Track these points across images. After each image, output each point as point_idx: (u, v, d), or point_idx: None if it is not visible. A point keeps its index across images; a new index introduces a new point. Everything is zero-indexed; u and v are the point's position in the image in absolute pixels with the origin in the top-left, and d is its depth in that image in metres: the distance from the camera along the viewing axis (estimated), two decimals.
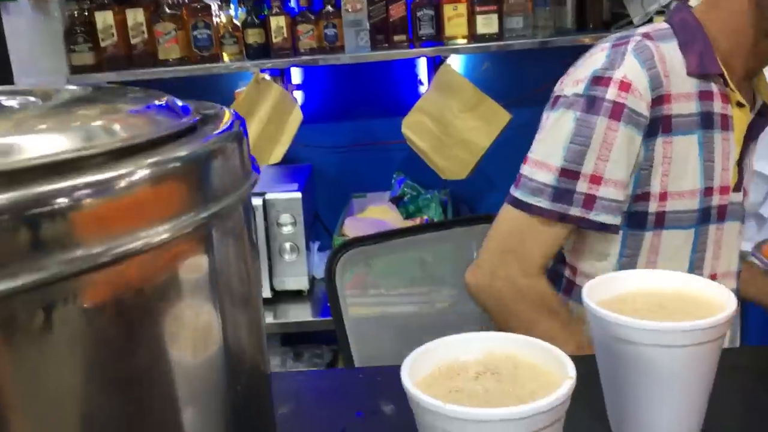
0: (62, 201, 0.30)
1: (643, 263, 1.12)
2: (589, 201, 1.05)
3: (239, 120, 0.45)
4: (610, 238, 1.12)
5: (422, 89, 2.52)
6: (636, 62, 1.05)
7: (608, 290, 0.61)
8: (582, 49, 2.11)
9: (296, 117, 2.16)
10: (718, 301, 0.57)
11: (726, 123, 1.10)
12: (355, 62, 2.15)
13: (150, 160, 0.34)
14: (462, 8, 2.09)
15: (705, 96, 1.08)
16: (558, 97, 1.11)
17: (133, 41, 2.11)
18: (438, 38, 2.14)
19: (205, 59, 2.12)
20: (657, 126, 1.06)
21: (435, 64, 2.28)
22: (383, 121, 2.52)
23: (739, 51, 1.08)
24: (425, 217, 2.37)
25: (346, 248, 1.79)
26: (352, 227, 2.25)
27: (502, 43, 2.12)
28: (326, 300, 1.96)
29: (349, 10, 2.11)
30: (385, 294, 2.05)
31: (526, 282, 1.10)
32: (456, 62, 2.42)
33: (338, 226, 2.29)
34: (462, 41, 2.12)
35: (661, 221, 1.09)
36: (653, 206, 1.09)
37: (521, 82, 2.35)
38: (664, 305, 0.59)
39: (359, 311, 1.94)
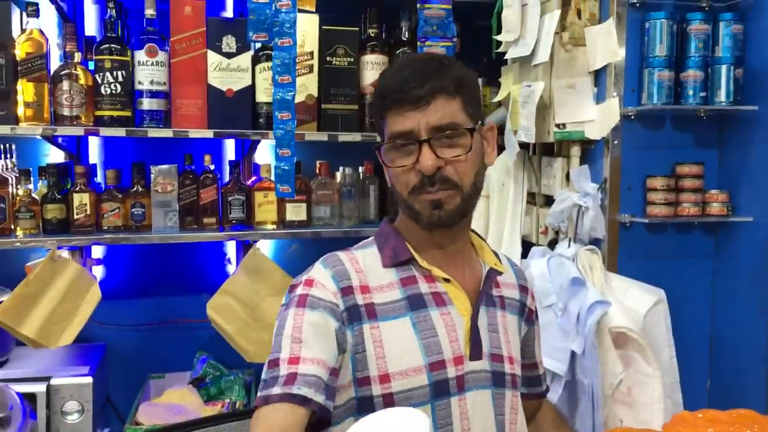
0: None
1: None
2: (291, 378, 1.08)
3: None
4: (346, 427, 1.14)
5: (230, 268, 2.53)
6: (321, 266, 1.19)
7: None
8: None
9: (93, 297, 2.05)
10: None
11: (440, 299, 1.19)
12: (162, 242, 2.12)
13: None
14: (272, 196, 2.17)
15: (407, 282, 1.19)
16: None
17: None
18: (248, 222, 2.19)
19: None
20: (359, 313, 1.15)
21: (244, 244, 2.31)
22: (188, 299, 2.47)
23: (419, 236, 1.20)
24: (227, 400, 2.29)
25: None
26: (147, 414, 2.11)
27: (310, 230, 2.22)
28: None
29: (159, 191, 2.12)
30: None
31: None
32: (266, 244, 2.48)
33: (131, 412, 2.14)
34: (271, 227, 2.19)
35: (390, 402, 1.14)
36: (377, 389, 1.13)
37: None
38: None
39: None
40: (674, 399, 1.75)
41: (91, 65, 2.07)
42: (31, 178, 2.07)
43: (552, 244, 1.93)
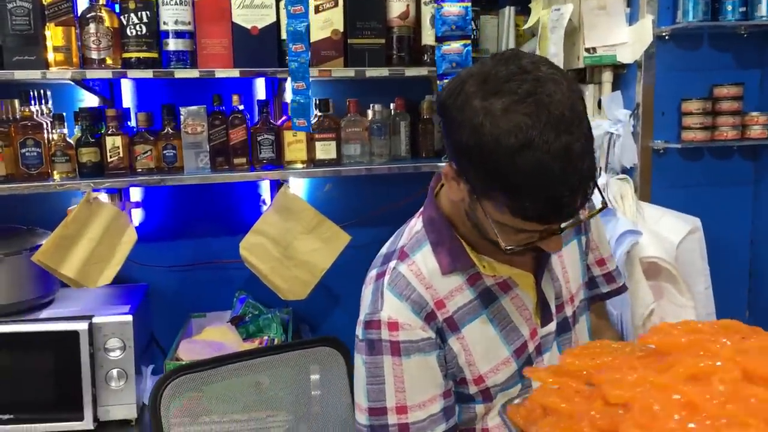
0: None
1: (480, 421, 1.19)
2: (404, 429, 1.11)
3: None
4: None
5: (265, 209, 2.55)
6: (393, 297, 1.13)
7: None
8: (416, 177, 2.22)
9: (130, 238, 2.10)
10: None
11: (505, 286, 1.17)
12: (194, 183, 2.15)
13: None
14: (301, 135, 2.16)
15: (474, 279, 1.16)
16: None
17: None
18: (278, 162, 2.19)
19: (33, 177, 2.04)
20: (444, 332, 1.14)
21: (278, 184, 2.32)
22: (225, 240, 2.50)
23: (475, 233, 1.10)
24: (266, 337, 2.34)
25: (175, 375, 1.73)
26: (187, 350, 2.17)
27: (339, 168, 2.21)
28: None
29: (189, 132, 2.13)
30: (218, 421, 1.97)
31: None
32: (299, 184, 2.48)
33: (172, 349, 2.21)
34: (301, 166, 2.18)
35: (487, 395, 1.17)
36: (473, 388, 1.16)
37: (360, 205, 2.44)
38: None
39: None
40: None
41: (118, 8, 2.08)
42: (65, 123, 2.11)
43: None
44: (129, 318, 2.07)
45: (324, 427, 1.88)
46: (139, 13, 2.02)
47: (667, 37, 1.70)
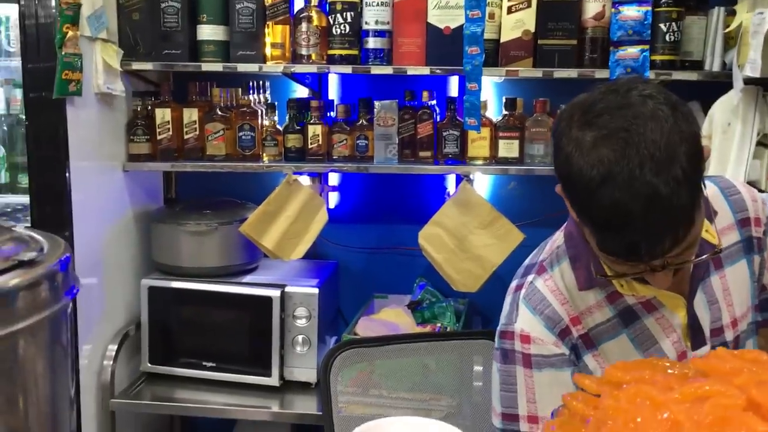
0: None
1: None
2: None
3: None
4: None
5: None
6: (527, 311, 1.14)
7: None
8: None
9: (321, 218, 2.31)
10: None
11: (650, 306, 1.13)
12: (381, 172, 2.30)
13: None
14: (486, 132, 2.22)
15: (614, 297, 1.14)
16: None
17: (186, 136, 2.33)
18: (461, 157, 2.27)
19: (246, 158, 2.32)
20: (579, 348, 1.14)
21: (463, 179, 2.40)
22: (410, 228, 2.63)
23: None
24: (438, 324, 2.44)
25: (345, 348, 1.89)
26: (365, 327, 2.34)
27: (521, 167, 2.23)
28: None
29: (381, 124, 2.28)
30: (386, 396, 2.12)
31: None
32: (483, 180, 2.54)
33: (352, 324, 2.39)
34: (482, 162, 2.24)
35: None
36: None
37: (538, 206, 2.45)
38: None
39: (354, 410, 2.01)
40: None
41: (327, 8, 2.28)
42: (276, 111, 2.36)
43: None
44: (316, 291, 2.28)
45: (483, 417, 1.94)
46: (344, 14, 2.20)
47: None
